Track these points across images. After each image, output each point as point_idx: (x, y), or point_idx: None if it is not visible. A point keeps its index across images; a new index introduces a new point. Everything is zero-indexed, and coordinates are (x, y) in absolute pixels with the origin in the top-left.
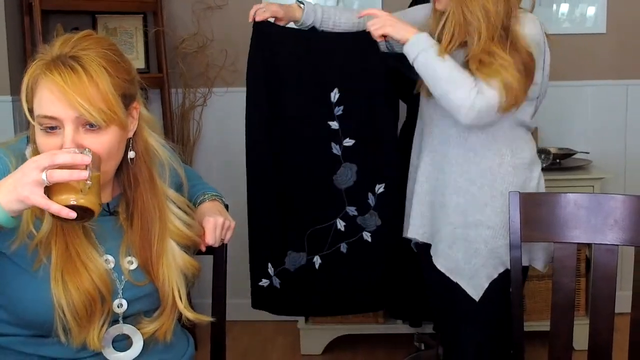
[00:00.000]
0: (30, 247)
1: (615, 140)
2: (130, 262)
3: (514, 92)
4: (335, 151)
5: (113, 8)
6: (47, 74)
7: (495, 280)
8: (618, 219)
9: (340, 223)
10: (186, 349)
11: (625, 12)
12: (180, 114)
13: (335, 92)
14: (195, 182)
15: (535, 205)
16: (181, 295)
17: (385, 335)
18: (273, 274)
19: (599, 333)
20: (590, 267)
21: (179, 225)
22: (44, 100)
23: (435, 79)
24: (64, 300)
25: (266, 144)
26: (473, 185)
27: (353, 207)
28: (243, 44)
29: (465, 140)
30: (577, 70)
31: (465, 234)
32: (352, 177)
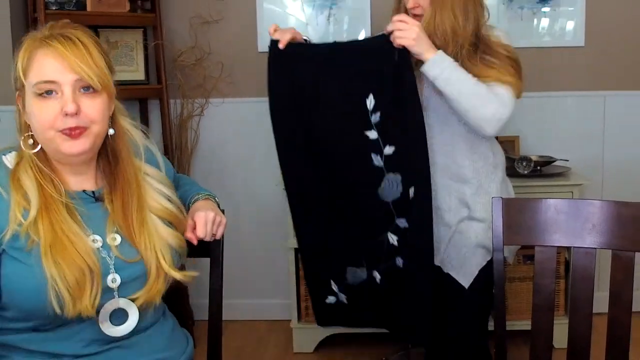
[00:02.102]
0: (22, 232)
1: (593, 149)
2: (114, 238)
3: (519, 90)
4: (376, 162)
5: (114, 22)
6: (48, 44)
7: (483, 268)
8: (596, 224)
9: (392, 237)
10: (186, 347)
11: (603, 26)
12: (178, 124)
13: (370, 98)
14: (190, 185)
15: (517, 210)
16: (165, 258)
17: (374, 333)
18: (338, 290)
19: (577, 332)
20: (570, 269)
21: (159, 198)
22: (45, 67)
23: (462, 95)
24: (56, 272)
25: (302, 164)
26: (464, 185)
27: (403, 218)
28: (238, 57)
29: (453, 147)
30: (557, 82)
31: (458, 228)
32: (398, 187)
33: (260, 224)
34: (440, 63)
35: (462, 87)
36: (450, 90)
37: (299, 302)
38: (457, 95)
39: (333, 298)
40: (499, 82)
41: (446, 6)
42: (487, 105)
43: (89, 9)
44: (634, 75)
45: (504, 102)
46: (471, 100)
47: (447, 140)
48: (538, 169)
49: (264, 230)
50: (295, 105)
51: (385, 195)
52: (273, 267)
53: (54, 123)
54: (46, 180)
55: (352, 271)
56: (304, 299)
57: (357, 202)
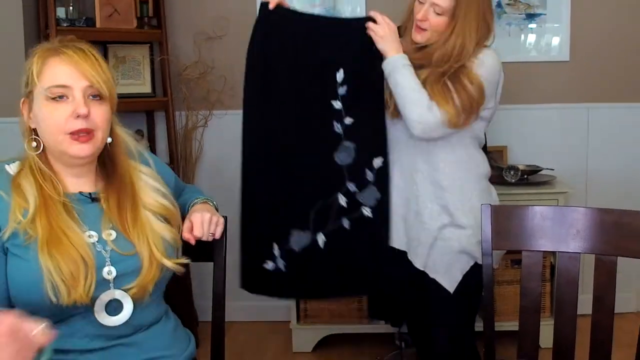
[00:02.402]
0: (20, 230)
1: (577, 158)
2: (109, 234)
3: (458, 120)
4: (336, 129)
5: (122, 38)
6: (62, 52)
7: (467, 273)
8: (580, 229)
9: (342, 199)
10: (187, 346)
11: (587, 42)
12: (183, 134)
13: (341, 73)
14: (191, 193)
15: (505, 217)
16: (158, 248)
17: (369, 334)
18: (279, 255)
19: (563, 333)
20: (555, 273)
21: (153, 194)
22: (58, 72)
23: (399, 96)
24: (51, 264)
25: (264, 121)
26: (445, 192)
27: (353, 183)
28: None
29: (436, 156)
30: (544, 94)
31: (440, 234)
32: (352, 154)
33: None
34: (394, 63)
35: (403, 88)
36: (394, 89)
37: (298, 304)
38: (397, 94)
39: (272, 264)
40: (438, 105)
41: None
42: (415, 109)
43: (98, 25)
44: (616, 88)
45: (432, 111)
46: (405, 102)
47: (429, 149)
48: (525, 177)
49: None
50: (277, 63)
51: (340, 159)
52: None
53: (64, 125)
54: (46, 180)
55: (297, 235)
56: (303, 301)
57: (313, 162)
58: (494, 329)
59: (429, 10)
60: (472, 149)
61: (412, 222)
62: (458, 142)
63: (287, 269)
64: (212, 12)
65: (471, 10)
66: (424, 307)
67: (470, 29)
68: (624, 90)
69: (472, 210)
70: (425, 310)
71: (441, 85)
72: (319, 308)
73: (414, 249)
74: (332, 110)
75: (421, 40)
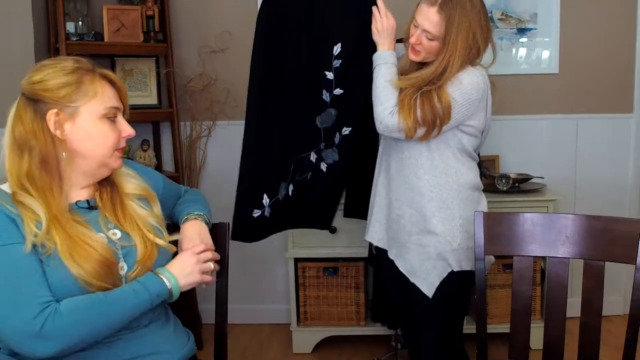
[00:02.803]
0: (38, 242)
1: (566, 167)
2: (114, 233)
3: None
4: (324, 97)
5: (130, 52)
6: (106, 74)
7: (445, 280)
8: (569, 235)
9: (313, 156)
10: (186, 344)
11: (575, 55)
12: (188, 144)
13: (338, 46)
14: (186, 204)
15: (496, 223)
16: (148, 230)
17: (366, 336)
18: (267, 204)
19: (552, 334)
20: (545, 277)
21: (130, 180)
22: (111, 94)
23: (373, 90)
24: (82, 270)
25: (267, 85)
26: (423, 198)
27: (324, 143)
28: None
29: (416, 161)
30: (534, 106)
31: (418, 240)
32: (331, 120)
33: None
34: (381, 58)
35: (377, 86)
36: (373, 82)
37: (298, 307)
38: (373, 88)
39: (259, 212)
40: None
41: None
42: (379, 107)
43: (106, 39)
44: (603, 100)
45: (392, 116)
46: (375, 97)
47: (412, 154)
48: (516, 185)
49: (266, 242)
50: (283, 29)
51: (320, 122)
52: (274, 276)
53: (117, 143)
54: (49, 194)
55: (282, 186)
56: (303, 304)
57: (299, 124)
58: (487, 330)
59: (422, 35)
60: (454, 160)
61: (392, 224)
62: (437, 150)
63: (270, 215)
64: (216, 26)
65: (460, 33)
66: (408, 308)
67: (459, 51)
68: (610, 102)
69: (449, 218)
70: (410, 312)
71: (410, 98)
72: (318, 311)
73: (394, 249)
74: (324, 80)
75: (416, 59)
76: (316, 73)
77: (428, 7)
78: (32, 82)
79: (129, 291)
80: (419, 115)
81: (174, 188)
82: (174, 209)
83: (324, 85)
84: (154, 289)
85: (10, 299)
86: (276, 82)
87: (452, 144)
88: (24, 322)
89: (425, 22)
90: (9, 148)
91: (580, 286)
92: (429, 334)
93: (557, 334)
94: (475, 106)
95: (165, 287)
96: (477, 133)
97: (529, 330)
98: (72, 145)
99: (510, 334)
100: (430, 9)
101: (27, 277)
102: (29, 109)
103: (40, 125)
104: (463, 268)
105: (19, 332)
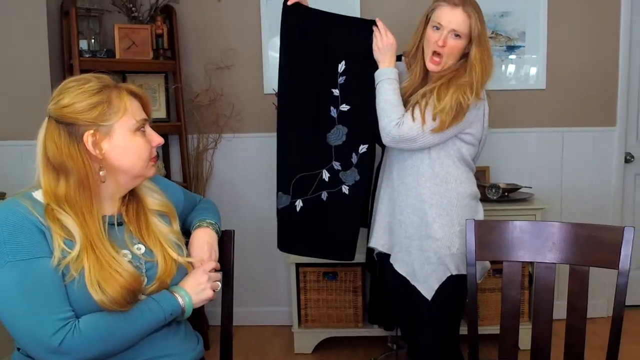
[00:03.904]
0: (63, 265)
1: (553, 177)
2: (138, 248)
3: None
4: (332, 114)
5: (140, 69)
6: (131, 89)
7: (443, 283)
8: (555, 242)
9: (325, 174)
10: (196, 346)
11: (561, 72)
12: (195, 156)
13: (342, 64)
14: (200, 212)
15: (487, 231)
16: (171, 248)
17: (364, 337)
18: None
19: (540, 335)
20: (533, 282)
21: (152, 194)
22: (137, 107)
23: (378, 105)
24: (105, 297)
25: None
26: (424, 205)
27: (338, 162)
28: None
29: (418, 170)
30: (522, 120)
31: (419, 245)
32: (342, 137)
33: (265, 242)
34: (382, 75)
35: (380, 101)
36: (377, 97)
37: (299, 310)
38: (377, 103)
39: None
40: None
41: None
42: (385, 119)
43: (117, 56)
44: (587, 114)
45: (399, 127)
46: (380, 112)
47: (414, 163)
48: (506, 194)
49: (269, 248)
50: (301, 49)
51: (331, 140)
52: (276, 280)
53: (151, 153)
54: (87, 214)
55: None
56: (304, 307)
57: (309, 140)
58: (478, 332)
59: (448, 36)
60: (454, 168)
61: (395, 229)
62: (438, 159)
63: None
64: (222, 44)
65: (483, 28)
66: (408, 311)
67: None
68: (594, 116)
69: (449, 224)
70: (410, 314)
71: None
72: (318, 314)
73: (396, 253)
74: (331, 96)
75: (436, 69)
76: (324, 90)
77: (452, 8)
78: (61, 106)
79: (145, 309)
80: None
81: (191, 199)
82: (188, 216)
83: (331, 101)
84: (168, 308)
85: (33, 313)
86: (295, 96)
87: (452, 152)
88: (44, 337)
89: (452, 22)
90: (42, 169)
91: (566, 290)
92: (429, 335)
93: (544, 335)
94: (474, 114)
95: (179, 306)
96: (475, 142)
97: (517, 332)
98: (110, 162)
99: (500, 335)
100: (455, 10)
101: (50, 292)
102: (63, 132)
103: (77, 148)
104: (461, 272)
105: (39, 346)
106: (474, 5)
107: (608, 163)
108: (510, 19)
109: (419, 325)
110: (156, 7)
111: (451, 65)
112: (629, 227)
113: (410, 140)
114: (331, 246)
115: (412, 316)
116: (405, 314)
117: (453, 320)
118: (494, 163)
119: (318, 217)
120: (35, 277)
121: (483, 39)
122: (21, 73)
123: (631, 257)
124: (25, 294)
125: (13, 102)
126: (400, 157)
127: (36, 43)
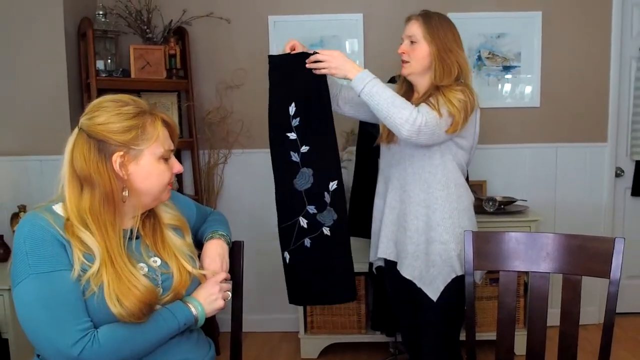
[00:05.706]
0: (83, 279)
1: (547, 191)
2: (155, 261)
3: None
4: (294, 158)
5: (154, 87)
6: (165, 118)
7: (449, 285)
8: (549, 252)
9: (302, 221)
10: (208, 351)
11: (555, 91)
12: (206, 170)
13: (292, 106)
14: (211, 223)
15: (484, 241)
16: (185, 260)
17: (367, 342)
18: None
19: (534, 341)
20: (528, 290)
21: (165, 209)
22: (167, 136)
23: (380, 104)
24: (123, 310)
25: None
26: (428, 209)
27: (312, 205)
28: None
29: (420, 177)
30: (518, 136)
31: (425, 249)
32: (310, 179)
33: (273, 252)
34: (363, 80)
35: (381, 98)
36: (371, 101)
37: (306, 316)
38: (376, 104)
39: None
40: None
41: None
42: (402, 110)
43: (133, 76)
44: (580, 131)
45: (421, 111)
46: (389, 107)
47: (415, 170)
48: (502, 207)
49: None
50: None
51: (299, 185)
52: (283, 288)
53: (170, 179)
54: (110, 228)
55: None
56: (310, 314)
57: (282, 190)
58: (475, 338)
59: (407, 43)
60: (453, 173)
61: (401, 237)
62: (439, 166)
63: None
64: (232, 64)
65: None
66: (412, 314)
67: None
68: (586, 133)
69: (452, 227)
70: (414, 317)
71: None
72: (323, 320)
73: (402, 259)
74: (288, 141)
75: (405, 71)
76: (282, 135)
77: (408, 22)
78: (95, 123)
79: (160, 320)
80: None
81: (203, 212)
82: (200, 228)
83: (291, 146)
84: (182, 319)
85: (54, 323)
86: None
87: (451, 157)
88: (65, 347)
89: (407, 31)
90: (68, 179)
91: (560, 298)
92: (432, 336)
93: (538, 340)
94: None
95: (192, 316)
96: (468, 148)
97: (513, 338)
98: (133, 184)
99: (496, 341)
100: (409, 22)
101: (71, 303)
102: (93, 147)
103: (104, 165)
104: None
105: (59, 355)
106: (430, 15)
107: (599, 177)
108: (506, 40)
109: (422, 328)
110: (169, 28)
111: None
112: (620, 238)
113: (431, 128)
114: (333, 290)
115: (416, 320)
116: (407, 319)
117: (455, 321)
118: (490, 177)
119: (308, 266)
120: (56, 289)
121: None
122: (41, 91)
123: (622, 266)
124: (47, 305)
125: (34, 118)
126: (400, 166)
127: (55, 63)
